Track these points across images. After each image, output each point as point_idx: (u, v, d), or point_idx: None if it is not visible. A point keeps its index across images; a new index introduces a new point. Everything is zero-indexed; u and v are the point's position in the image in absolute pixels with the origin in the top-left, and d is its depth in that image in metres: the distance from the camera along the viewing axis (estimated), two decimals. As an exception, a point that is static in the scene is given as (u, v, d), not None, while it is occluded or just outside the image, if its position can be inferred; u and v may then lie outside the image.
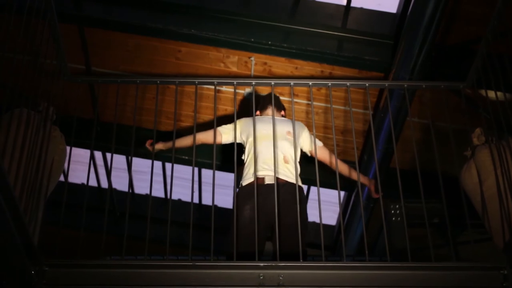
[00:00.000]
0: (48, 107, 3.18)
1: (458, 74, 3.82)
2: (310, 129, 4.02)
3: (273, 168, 3.55)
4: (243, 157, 3.94)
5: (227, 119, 4.09)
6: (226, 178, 6.17)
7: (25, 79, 2.85)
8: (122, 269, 2.81)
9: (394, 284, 2.79)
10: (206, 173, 6.59)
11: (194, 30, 4.86)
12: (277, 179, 3.59)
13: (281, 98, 5.31)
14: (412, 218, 3.60)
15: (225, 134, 3.98)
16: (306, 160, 5.06)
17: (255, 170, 3.69)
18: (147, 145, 3.95)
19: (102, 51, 5.32)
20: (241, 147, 3.92)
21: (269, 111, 4.06)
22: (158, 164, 6.38)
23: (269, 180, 3.64)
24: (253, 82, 3.67)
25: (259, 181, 3.65)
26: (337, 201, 3.21)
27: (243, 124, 3.98)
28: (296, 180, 3.66)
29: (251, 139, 3.76)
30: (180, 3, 5.00)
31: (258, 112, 4.07)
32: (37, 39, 3.00)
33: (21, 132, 2.79)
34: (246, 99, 5.19)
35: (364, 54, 4.89)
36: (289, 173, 3.71)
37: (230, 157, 3.77)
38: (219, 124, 3.86)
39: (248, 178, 3.75)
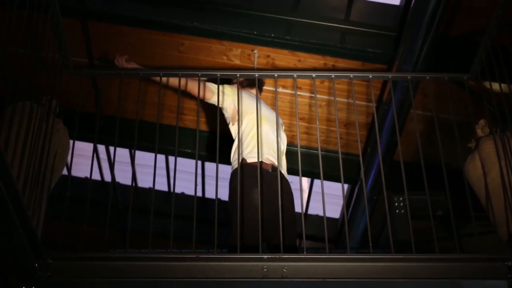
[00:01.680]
0: (51, 100, 3.18)
1: (462, 65, 3.80)
2: (314, 121, 4.01)
3: (276, 156, 3.55)
4: (232, 127, 3.78)
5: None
6: (229, 172, 6.17)
7: (28, 73, 2.85)
8: (126, 261, 2.82)
9: (398, 276, 2.79)
10: (209, 166, 6.59)
11: (197, 23, 4.86)
12: (277, 169, 3.57)
13: (284, 91, 5.33)
14: (416, 210, 3.59)
15: (216, 96, 3.66)
16: (309, 154, 5.08)
17: (262, 153, 3.52)
18: (118, 59, 3.75)
19: (104, 44, 5.32)
20: (223, 114, 3.83)
21: (254, 91, 3.92)
22: (161, 157, 6.39)
23: (273, 169, 3.57)
24: (256, 74, 3.66)
25: (264, 166, 3.53)
26: (341, 193, 3.21)
27: (236, 93, 3.74)
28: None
29: (254, 116, 3.57)
30: (183, -4, 5.01)
31: (240, 86, 3.81)
32: (40, 33, 3.00)
33: (24, 125, 2.79)
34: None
35: (367, 46, 4.88)
36: (285, 166, 3.73)
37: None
38: (221, 114, 3.69)
39: (253, 157, 3.54)
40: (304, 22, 4.97)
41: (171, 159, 6.42)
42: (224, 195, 4.09)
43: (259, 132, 3.43)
